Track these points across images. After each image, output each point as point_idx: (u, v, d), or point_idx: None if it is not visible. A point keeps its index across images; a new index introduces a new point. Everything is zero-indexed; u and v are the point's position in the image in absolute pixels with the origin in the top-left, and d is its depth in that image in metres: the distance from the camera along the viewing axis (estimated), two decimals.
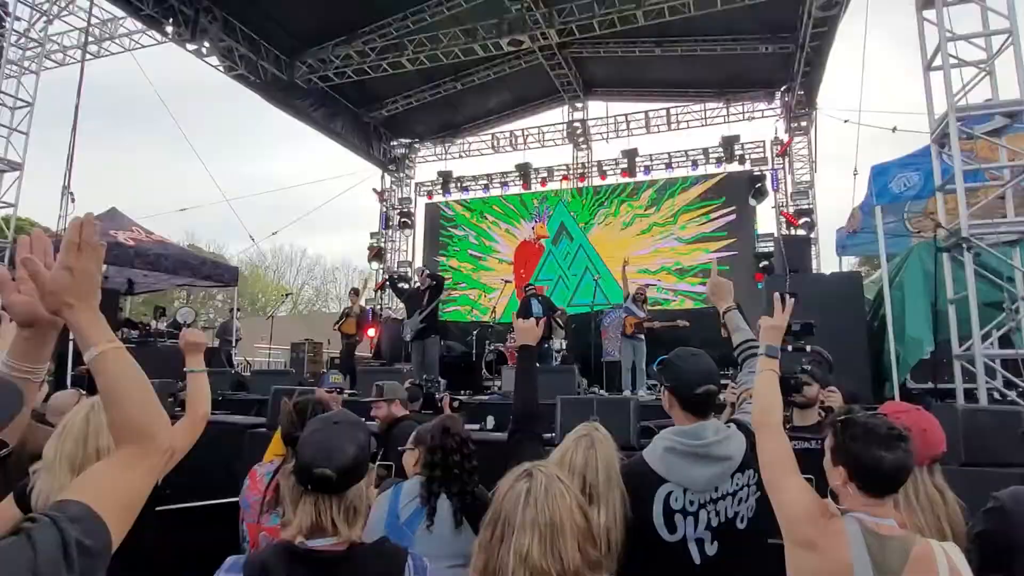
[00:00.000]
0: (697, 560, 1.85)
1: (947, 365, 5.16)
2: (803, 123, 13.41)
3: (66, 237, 1.04)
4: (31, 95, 9.38)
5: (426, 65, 12.70)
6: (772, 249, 12.08)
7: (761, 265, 12.41)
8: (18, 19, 9.49)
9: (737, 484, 1.91)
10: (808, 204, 13.13)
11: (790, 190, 13.54)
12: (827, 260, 12.90)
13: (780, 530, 1.60)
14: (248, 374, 9.57)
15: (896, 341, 5.74)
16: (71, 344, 7.85)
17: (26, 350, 1.12)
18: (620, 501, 1.83)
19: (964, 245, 4.84)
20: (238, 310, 12.99)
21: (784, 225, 13.13)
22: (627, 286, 9.27)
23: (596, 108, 16.22)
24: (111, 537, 0.86)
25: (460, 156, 17.72)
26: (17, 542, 0.75)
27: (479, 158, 17.60)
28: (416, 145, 17.84)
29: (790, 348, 3.85)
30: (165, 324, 11.53)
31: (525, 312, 9.09)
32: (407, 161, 17.83)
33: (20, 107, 9.26)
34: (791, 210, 13.19)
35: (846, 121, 9.43)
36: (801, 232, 12.55)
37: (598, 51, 13.84)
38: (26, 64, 9.56)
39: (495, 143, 17.17)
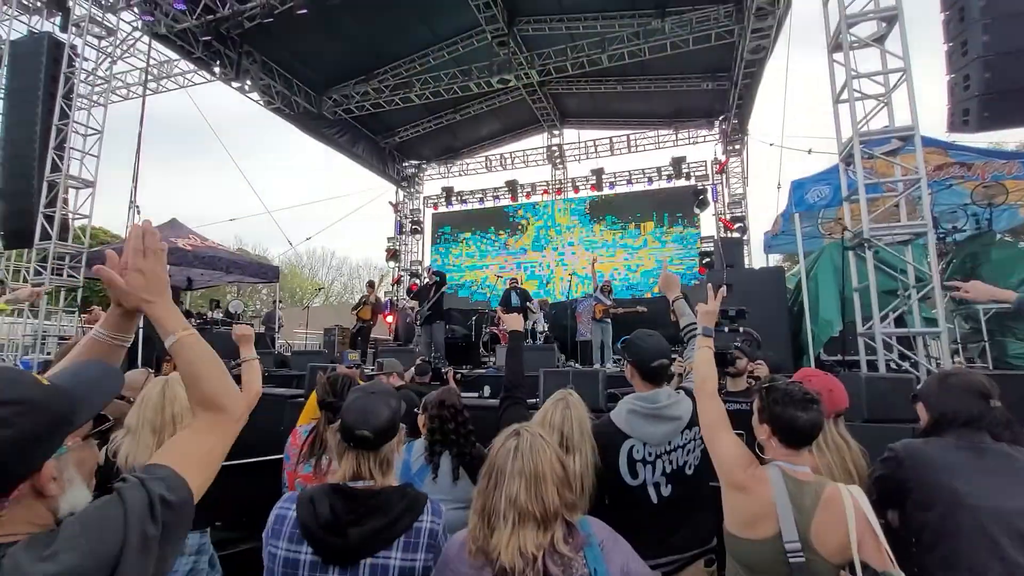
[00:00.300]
0: (655, 500, 1.86)
1: (853, 341, 5.20)
2: (737, 146, 13.43)
3: (130, 245, 1.02)
4: (100, 124, 9.18)
5: (430, 100, 12.56)
6: (712, 248, 12.15)
7: (704, 261, 12.47)
8: (86, 59, 9.28)
9: (686, 439, 1.93)
10: (741, 212, 13.17)
11: (727, 201, 13.58)
12: (758, 257, 13.03)
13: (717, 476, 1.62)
14: (289, 354, 9.47)
15: (811, 322, 5.78)
16: (140, 332, 7.76)
17: (119, 323, 1.11)
18: (591, 451, 1.84)
19: (866, 244, 4.87)
20: (280, 302, 12.86)
21: (722, 229, 13.20)
22: (596, 280, 9.27)
23: (570, 134, 16.18)
24: (191, 493, 0.86)
25: (460, 174, 17.63)
26: (111, 499, 0.77)
27: (475, 176, 17.54)
28: (424, 165, 17.68)
29: (727, 329, 3.88)
30: (220, 314, 11.38)
31: (507, 302, 9.08)
32: (416, 179, 17.68)
33: (91, 134, 9.07)
34: (728, 217, 13.25)
35: (771, 144, 9.43)
36: (736, 235, 12.63)
37: (571, 88, 13.80)
38: (95, 98, 9.36)
39: (488, 163, 17.08)
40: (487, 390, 5.66)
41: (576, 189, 15.57)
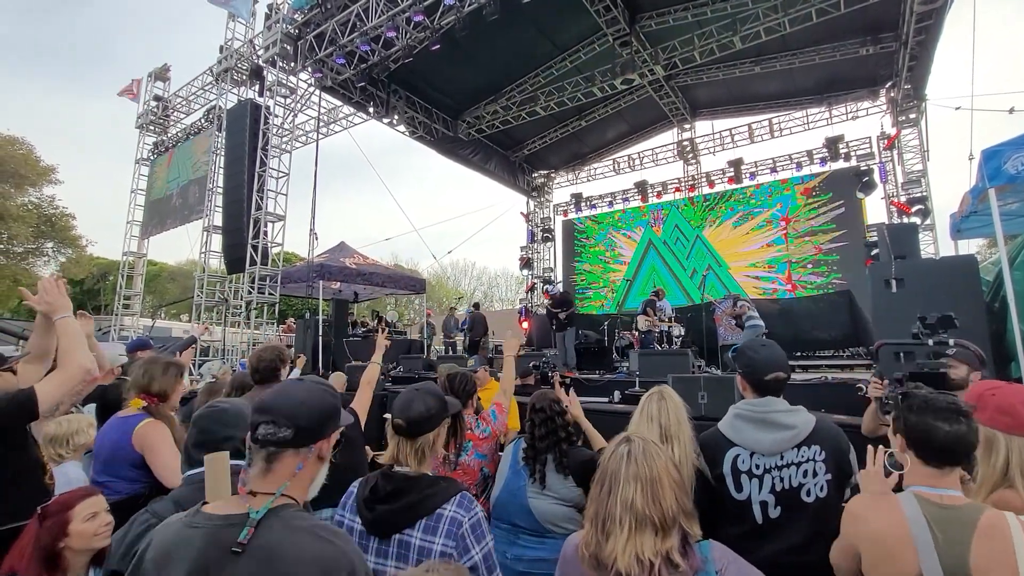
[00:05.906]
0: (759, 520, 1.68)
1: None
2: (911, 115, 11.23)
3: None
4: (287, 168, 11.05)
5: (556, 110, 12.76)
6: (877, 238, 10.30)
7: (872, 253, 10.66)
8: (275, 116, 11.26)
9: (802, 456, 1.70)
10: (921, 192, 10.99)
11: (900, 180, 11.46)
12: (946, 245, 10.75)
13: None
14: (435, 358, 10.31)
15: (1021, 321, 4.61)
16: (319, 340, 9.07)
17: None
18: (689, 440, 1.81)
19: None
20: (430, 313, 14.01)
21: (896, 214, 11.16)
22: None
23: (703, 127, 15.14)
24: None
25: (588, 180, 17.59)
26: None
27: (603, 180, 17.34)
28: (552, 174, 17.98)
29: (931, 342, 3.15)
30: (376, 323, 12.82)
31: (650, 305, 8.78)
32: (546, 188, 18.04)
33: (281, 177, 10.95)
34: (903, 199, 11.16)
35: (957, 108, 7.67)
36: (915, 220, 10.56)
37: (701, 77, 12.90)
38: (283, 146, 11.28)
39: (616, 166, 16.78)
40: (617, 395, 5.55)
41: (711, 184, 14.48)
